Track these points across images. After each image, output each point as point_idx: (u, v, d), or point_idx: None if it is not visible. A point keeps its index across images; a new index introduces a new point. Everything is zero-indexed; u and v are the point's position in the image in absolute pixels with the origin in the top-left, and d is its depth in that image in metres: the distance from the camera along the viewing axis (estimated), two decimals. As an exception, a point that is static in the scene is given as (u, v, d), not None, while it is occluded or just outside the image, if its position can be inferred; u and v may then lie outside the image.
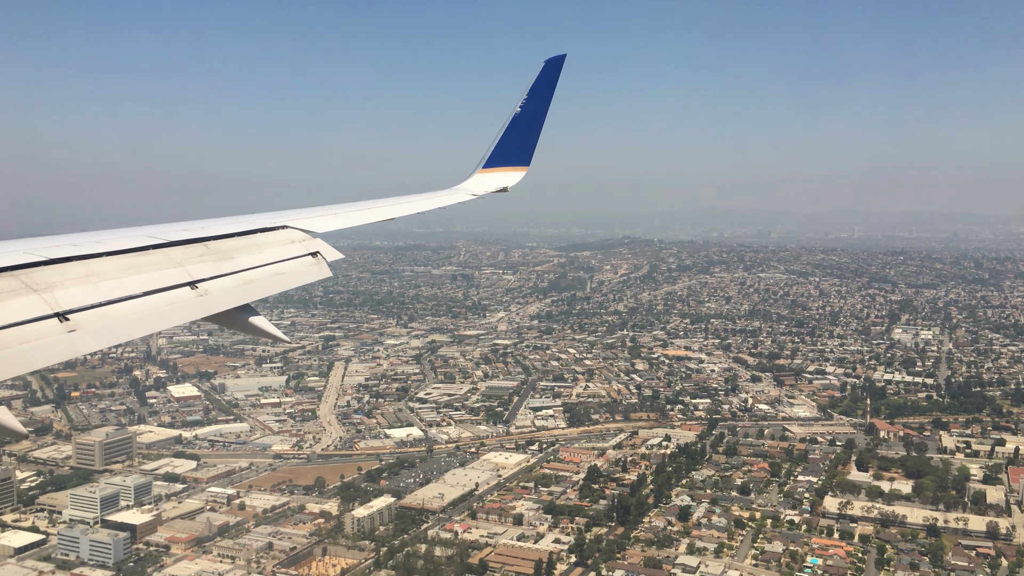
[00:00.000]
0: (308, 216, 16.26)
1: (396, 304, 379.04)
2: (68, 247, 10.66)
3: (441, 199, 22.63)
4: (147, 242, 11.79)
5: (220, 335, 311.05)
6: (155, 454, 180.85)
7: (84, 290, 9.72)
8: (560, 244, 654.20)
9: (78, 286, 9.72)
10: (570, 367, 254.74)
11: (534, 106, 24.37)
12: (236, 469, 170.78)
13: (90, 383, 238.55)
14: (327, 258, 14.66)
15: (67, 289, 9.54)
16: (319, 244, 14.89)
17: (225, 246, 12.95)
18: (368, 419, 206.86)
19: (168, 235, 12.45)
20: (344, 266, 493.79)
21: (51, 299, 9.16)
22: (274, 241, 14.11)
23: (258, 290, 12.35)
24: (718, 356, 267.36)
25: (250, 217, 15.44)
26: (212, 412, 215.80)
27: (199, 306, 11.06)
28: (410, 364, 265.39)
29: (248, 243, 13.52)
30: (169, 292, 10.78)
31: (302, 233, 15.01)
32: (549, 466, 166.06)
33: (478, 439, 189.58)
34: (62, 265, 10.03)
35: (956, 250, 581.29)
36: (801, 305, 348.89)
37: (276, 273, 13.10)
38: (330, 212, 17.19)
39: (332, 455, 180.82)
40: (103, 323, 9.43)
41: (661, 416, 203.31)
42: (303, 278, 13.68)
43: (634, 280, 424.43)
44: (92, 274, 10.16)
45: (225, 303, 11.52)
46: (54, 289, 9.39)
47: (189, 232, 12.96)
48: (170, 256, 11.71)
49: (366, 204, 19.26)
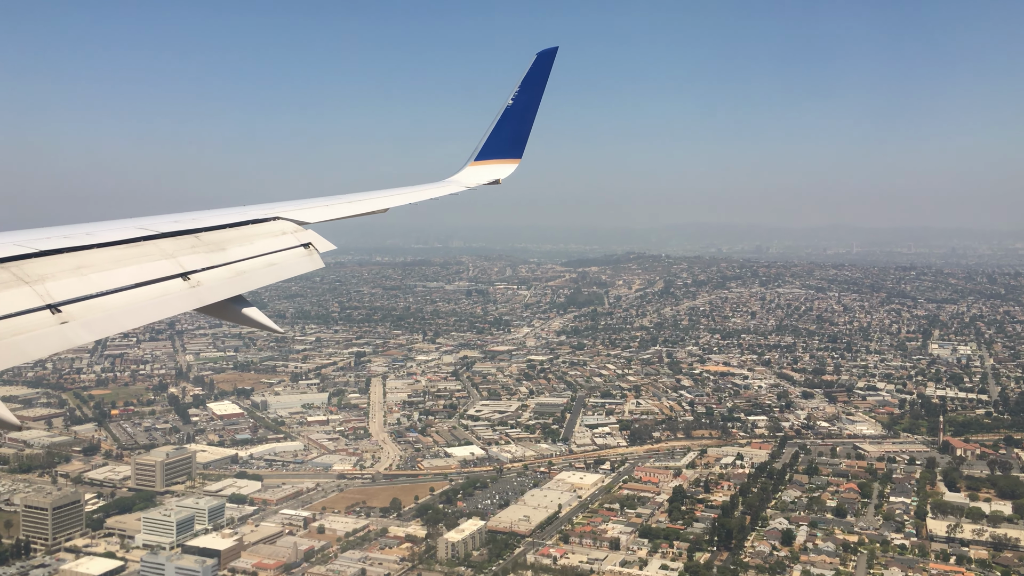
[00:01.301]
0: (300, 207, 16.26)
1: (417, 319, 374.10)
2: (59, 239, 10.55)
3: (433, 191, 22.49)
4: (138, 234, 11.77)
5: (248, 351, 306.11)
6: (215, 474, 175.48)
7: (76, 282, 9.69)
8: (564, 259, 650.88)
9: (69, 278, 9.70)
10: (614, 383, 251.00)
11: (526, 99, 24.29)
12: (303, 490, 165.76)
13: (127, 401, 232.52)
14: (319, 249, 14.61)
15: (59, 281, 9.50)
16: (311, 235, 14.87)
17: (217, 237, 12.98)
18: (423, 437, 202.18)
19: (159, 227, 12.40)
20: (355, 281, 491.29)
21: (43, 291, 9.11)
22: (266, 232, 14.17)
23: (250, 281, 12.34)
24: (761, 372, 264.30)
25: (242, 209, 15.42)
26: (260, 430, 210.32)
27: (191, 297, 11.07)
28: (449, 380, 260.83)
29: (240, 234, 13.55)
30: (161, 283, 10.78)
31: (294, 224, 15.00)
32: (628, 486, 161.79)
33: (543, 458, 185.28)
34: (53, 257, 9.95)
35: (960, 265, 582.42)
36: (828, 320, 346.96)
37: (268, 264, 13.14)
38: (322, 204, 17.16)
39: (397, 475, 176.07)
40: (95, 314, 9.38)
41: (723, 434, 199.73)
42: (295, 269, 13.75)
43: (651, 295, 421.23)
44: (83, 266, 10.12)
45: (217, 294, 11.54)
46: (46, 281, 9.35)
47: (180, 224, 12.94)
48: (161, 248, 11.70)
49: (358, 196, 19.06)
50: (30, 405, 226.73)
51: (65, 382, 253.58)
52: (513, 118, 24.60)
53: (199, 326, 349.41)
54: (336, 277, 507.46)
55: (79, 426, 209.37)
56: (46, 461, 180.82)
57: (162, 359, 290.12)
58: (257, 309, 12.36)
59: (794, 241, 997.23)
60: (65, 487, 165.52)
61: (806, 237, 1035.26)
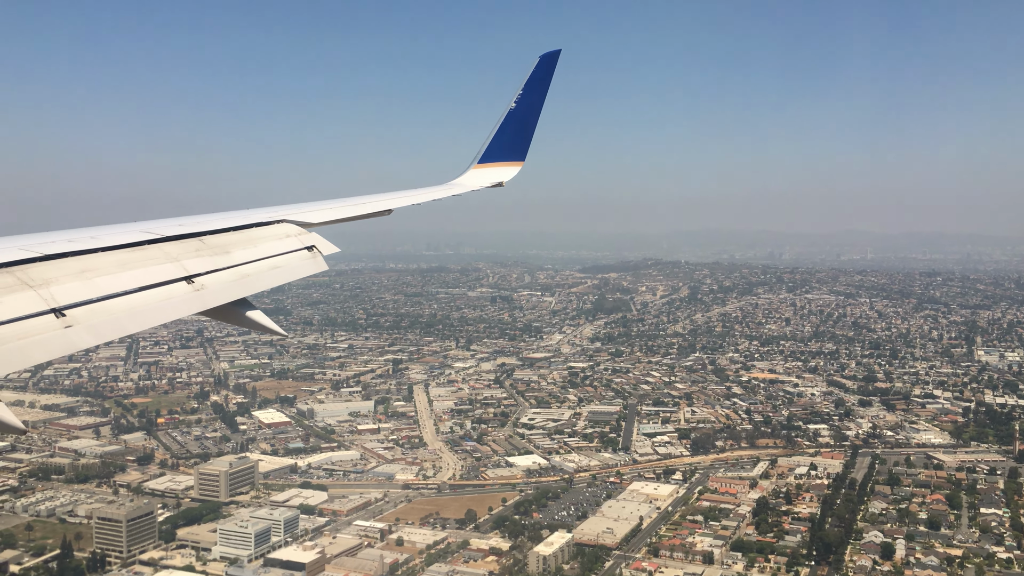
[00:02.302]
0: (303, 210, 16.08)
1: (445, 326, 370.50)
2: (63, 243, 10.61)
3: (436, 193, 22.58)
4: (142, 237, 11.72)
5: (282, 359, 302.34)
6: (278, 484, 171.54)
7: (80, 286, 9.70)
8: (579, 266, 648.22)
9: (74, 282, 9.70)
10: (663, 391, 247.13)
11: (529, 101, 24.33)
12: (371, 500, 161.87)
13: (170, 409, 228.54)
14: (323, 252, 14.51)
15: (63, 285, 9.50)
16: (315, 238, 14.78)
17: (221, 241, 12.92)
18: (480, 446, 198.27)
19: (163, 230, 12.35)
20: (375, 288, 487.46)
21: (47, 295, 9.13)
22: (270, 235, 14.12)
23: (254, 284, 12.33)
24: (810, 379, 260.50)
25: (245, 212, 15.30)
26: (311, 439, 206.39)
27: (195, 300, 11.00)
28: (493, 388, 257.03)
29: (244, 237, 13.51)
30: (165, 287, 10.74)
31: (298, 227, 14.91)
32: (705, 498, 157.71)
33: (608, 468, 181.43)
34: (58, 261, 9.99)
35: (980, 271, 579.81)
36: (864, 327, 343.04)
37: (272, 267, 13.10)
38: (325, 206, 17.05)
39: (464, 485, 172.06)
40: (100, 318, 9.37)
41: (787, 443, 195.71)
42: (299, 272, 13.70)
43: (678, 302, 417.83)
44: (88, 270, 10.13)
45: (221, 297, 11.49)
46: (50, 285, 9.35)
47: (184, 227, 12.91)
48: (166, 251, 11.67)
49: (361, 199, 19.02)
50: (74, 414, 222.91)
51: (104, 390, 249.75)
52: (516, 121, 24.60)
53: (228, 333, 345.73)
54: (356, 284, 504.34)
55: (128, 435, 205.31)
56: (102, 471, 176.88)
57: (197, 367, 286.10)
58: (261, 312, 12.34)
59: (806, 247, 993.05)
60: (127, 498, 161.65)
61: (818, 243, 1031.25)
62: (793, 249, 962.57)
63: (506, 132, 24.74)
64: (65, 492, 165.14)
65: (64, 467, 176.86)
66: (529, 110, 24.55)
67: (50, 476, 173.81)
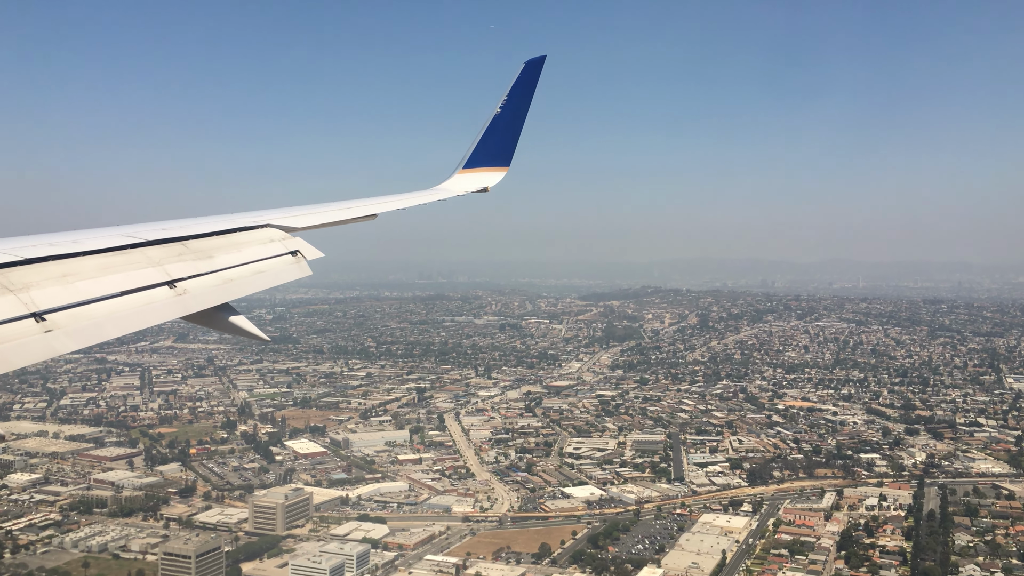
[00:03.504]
0: (288, 215, 15.94)
1: (459, 354, 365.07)
2: (44, 247, 10.49)
3: (421, 198, 22.48)
4: (124, 241, 11.60)
5: (300, 387, 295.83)
6: (333, 517, 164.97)
7: (61, 290, 9.59)
8: (577, 293, 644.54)
9: (55, 286, 9.59)
10: (700, 419, 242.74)
11: (514, 107, 24.32)
12: (436, 534, 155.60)
13: (200, 439, 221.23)
14: (307, 257, 14.40)
15: (43, 289, 9.39)
16: (299, 243, 14.74)
17: (204, 245, 12.75)
18: (531, 476, 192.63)
19: (146, 234, 12.19)
20: (378, 316, 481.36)
21: (27, 299, 9.01)
22: (254, 240, 14.04)
23: (238, 289, 12.19)
24: (846, 407, 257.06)
25: (229, 216, 15.15)
26: (353, 470, 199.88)
27: (178, 305, 10.93)
28: (526, 417, 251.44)
29: (227, 242, 13.40)
30: (147, 291, 10.67)
31: (282, 232, 14.82)
32: (783, 530, 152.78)
33: (669, 499, 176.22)
34: (38, 265, 9.86)
35: (982, 299, 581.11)
36: (884, 354, 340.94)
37: (256, 272, 12.93)
38: (310, 211, 16.87)
39: (526, 517, 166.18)
40: (80, 323, 9.30)
41: (845, 473, 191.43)
42: (283, 277, 13.60)
43: (689, 329, 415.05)
44: (69, 274, 10.03)
45: (204, 302, 11.39)
46: (30, 289, 9.24)
47: (167, 231, 12.73)
48: (148, 255, 11.56)
49: (346, 203, 18.89)
50: (102, 444, 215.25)
51: (127, 420, 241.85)
52: (501, 126, 24.55)
53: (240, 362, 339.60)
54: (358, 312, 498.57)
55: (162, 466, 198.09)
56: (144, 504, 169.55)
57: (216, 396, 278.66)
58: (244, 317, 12.27)
59: (796, 275, 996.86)
60: (177, 531, 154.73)
61: (808, 271, 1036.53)
62: (784, 277, 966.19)
63: (491, 137, 24.65)
64: (112, 526, 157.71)
65: (106, 500, 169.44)
66: (514, 116, 24.45)
67: (92, 509, 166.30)
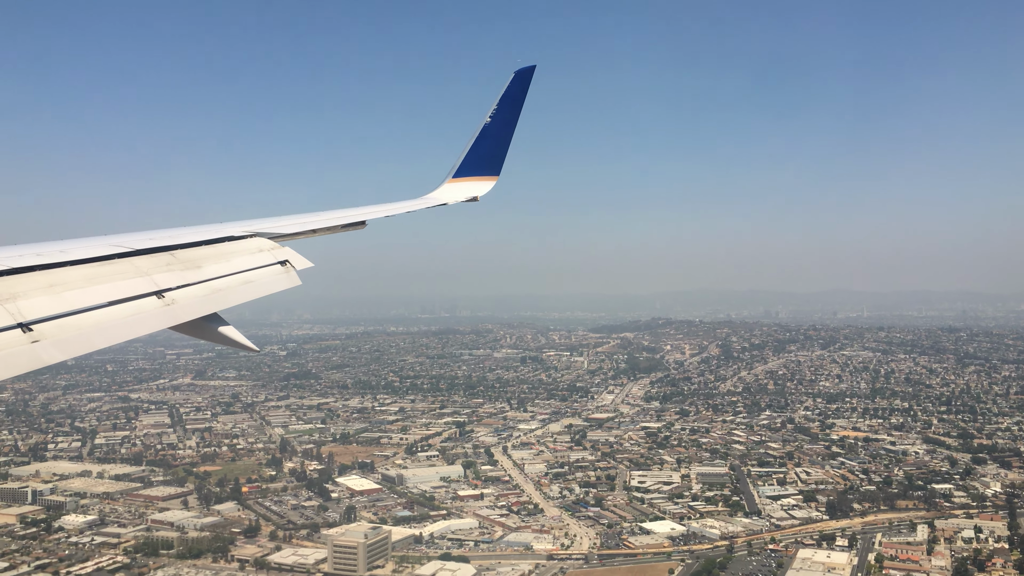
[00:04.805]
0: (277, 224, 16.04)
1: (486, 387, 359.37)
2: (31, 256, 10.41)
3: (410, 206, 22.36)
4: (112, 251, 11.51)
5: (334, 423, 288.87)
6: (413, 556, 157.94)
7: (48, 300, 9.51)
8: (586, 326, 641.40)
9: (41, 296, 9.51)
10: (756, 450, 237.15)
11: (504, 116, 24.28)
12: (525, 573, 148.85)
13: (248, 478, 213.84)
14: (296, 266, 14.32)
15: (30, 299, 9.29)
16: (288, 252, 14.63)
17: (192, 255, 12.71)
18: (604, 511, 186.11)
19: (134, 244, 12.14)
20: (393, 351, 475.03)
21: (13, 309, 8.92)
22: (243, 250, 13.93)
23: (226, 299, 12.10)
24: (900, 436, 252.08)
25: (218, 226, 15.14)
26: (415, 507, 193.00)
27: (166, 315, 10.84)
28: (576, 450, 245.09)
29: (216, 252, 13.31)
30: (135, 301, 10.55)
31: (271, 242, 14.78)
32: (889, 565, 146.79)
33: (754, 534, 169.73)
34: (25, 275, 9.77)
35: (983, 327, 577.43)
36: (919, 383, 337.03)
37: (245, 282, 12.85)
38: (299, 220, 16.95)
39: (613, 555, 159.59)
40: (68, 333, 9.22)
41: (927, 504, 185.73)
42: (272, 287, 13.46)
43: (713, 360, 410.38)
44: (56, 284, 9.94)
45: (192, 312, 11.33)
46: (17, 299, 9.13)
47: (155, 241, 12.69)
48: (136, 265, 11.47)
49: (335, 212, 18.83)
50: (150, 484, 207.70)
51: (168, 459, 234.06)
52: (491, 136, 24.47)
53: (267, 398, 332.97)
54: (372, 346, 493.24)
55: (219, 505, 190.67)
56: (212, 545, 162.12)
57: (251, 433, 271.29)
58: (233, 328, 12.22)
59: (799, 305, 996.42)
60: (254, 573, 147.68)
61: (810, 301, 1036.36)
62: (786, 308, 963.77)
63: (481, 147, 24.50)
64: (183, 568, 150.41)
65: (171, 541, 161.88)
66: (504, 125, 24.34)
67: (157, 551, 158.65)
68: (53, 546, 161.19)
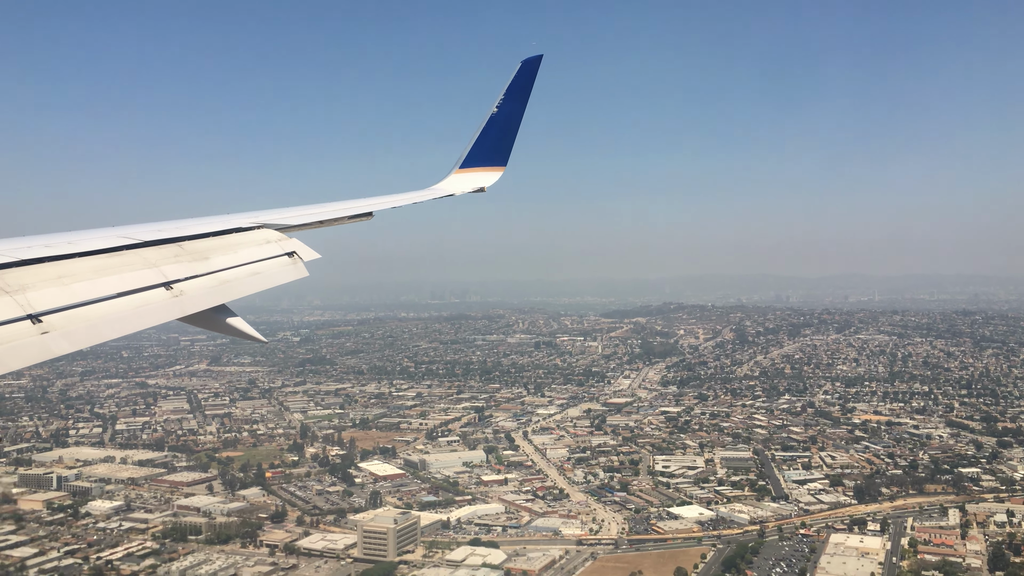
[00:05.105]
0: (284, 215, 15.95)
1: (502, 373, 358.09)
2: (40, 248, 10.46)
3: (417, 197, 22.36)
4: (121, 243, 11.59)
5: (352, 408, 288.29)
6: (443, 541, 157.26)
7: (57, 291, 9.53)
8: (597, 311, 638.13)
9: (51, 287, 9.54)
10: (779, 435, 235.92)
11: (510, 107, 24.14)
12: (556, 558, 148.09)
13: (271, 463, 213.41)
14: (303, 258, 14.30)
15: (39, 291, 9.33)
16: (296, 244, 14.62)
17: (200, 246, 12.76)
18: (630, 496, 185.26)
19: (142, 235, 12.17)
20: (406, 336, 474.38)
21: (23, 301, 8.94)
22: (250, 241, 13.98)
23: (234, 290, 12.13)
24: (923, 420, 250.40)
25: (225, 217, 15.12)
26: (440, 492, 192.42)
27: (174, 307, 10.89)
28: (596, 435, 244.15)
29: (223, 243, 13.36)
30: (143, 293, 10.60)
31: (278, 233, 14.77)
32: (924, 550, 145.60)
33: (783, 518, 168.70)
34: (34, 266, 9.83)
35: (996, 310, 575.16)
36: (937, 366, 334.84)
37: (252, 273, 12.88)
38: (306, 211, 16.96)
39: (643, 540, 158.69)
40: (77, 325, 9.25)
41: (956, 488, 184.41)
42: (279, 278, 13.47)
43: (728, 344, 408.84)
44: (65, 275, 9.97)
45: (200, 304, 11.36)
46: (26, 291, 9.17)
47: (163, 232, 12.71)
48: (144, 257, 11.50)
49: (342, 203, 18.81)
50: (173, 470, 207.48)
51: (189, 444, 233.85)
52: (498, 126, 24.33)
53: (283, 384, 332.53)
54: (385, 332, 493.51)
55: (243, 491, 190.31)
56: (240, 530, 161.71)
57: (271, 418, 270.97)
58: (241, 319, 12.24)
59: (809, 290, 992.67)
60: (280, 559, 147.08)
61: (820, 286, 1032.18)
62: (797, 292, 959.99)
63: (488, 137, 24.35)
64: (213, 554, 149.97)
65: (199, 526, 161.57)
66: (511, 115, 24.19)
67: (186, 537, 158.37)
68: (81, 532, 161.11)
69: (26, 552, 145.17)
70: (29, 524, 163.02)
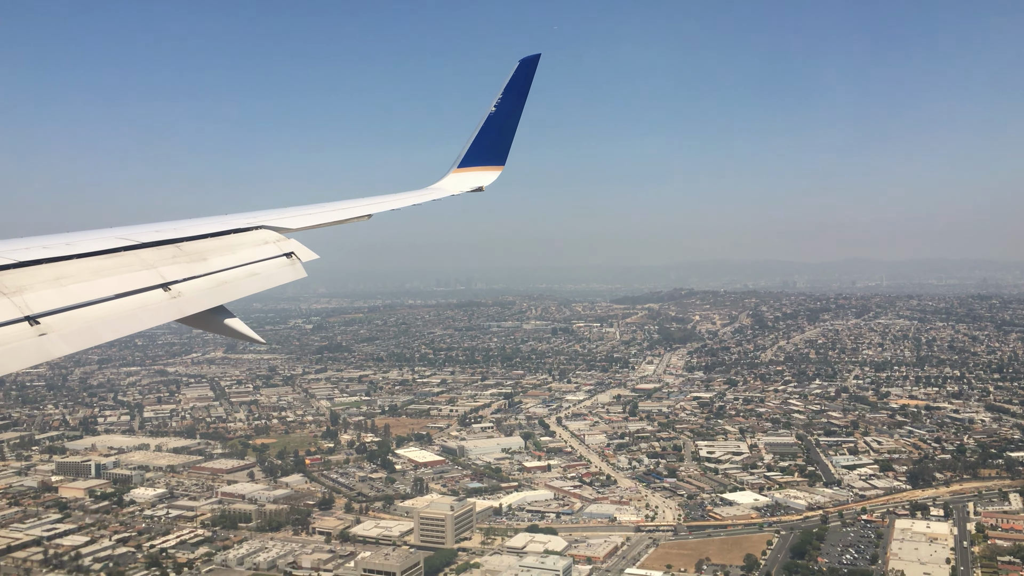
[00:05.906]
0: (282, 216, 15.78)
1: (523, 359, 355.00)
2: (38, 249, 10.34)
3: (416, 198, 22.03)
4: (118, 244, 11.47)
5: (378, 395, 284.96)
6: (499, 528, 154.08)
7: (54, 293, 9.42)
8: (606, 298, 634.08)
9: (48, 289, 9.43)
10: (818, 419, 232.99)
11: (509, 105, 23.93)
12: (618, 545, 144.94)
13: (307, 450, 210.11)
14: (302, 258, 14.22)
15: (37, 292, 9.21)
16: (294, 244, 14.54)
17: (198, 247, 12.62)
18: (680, 482, 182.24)
19: (140, 237, 12.05)
20: (420, 324, 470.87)
21: (21, 302, 8.83)
22: (248, 242, 13.84)
23: (232, 291, 12.02)
24: (961, 404, 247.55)
25: (224, 218, 14.99)
26: (484, 479, 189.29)
27: (172, 308, 10.80)
28: (631, 420, 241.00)
29: (221, 244, 13.23)
30: (141, 294, 10.50)
31: (276, 234, 14.65)
32: (994, 535, 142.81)
33: (841, 504, 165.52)
34: (32, 268, 9.71)
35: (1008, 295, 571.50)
36: (963, 350, 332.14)
37: (250, 274, 12.76)
38: (304, 212, 16.74)
39: (702, 526, 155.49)
40: (74, 326, 9.14)
41: (1011, 473, 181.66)
42: (278, 279, 13.34)
43: (747, 330, 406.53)
44: (63, 277, 9.86)
45: (198, 305, 11.25)
46: (24, 292, 9.05)
47: (161, 233, 12.57)
48: (142, 258, 11.38)
49: (341, 204, 18.55)
50: (210, 457, 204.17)
51: (220, 431, 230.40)
52: (496, 125, 24.12)
53: (304, 371, 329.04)
54: (398, 319, 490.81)
55: (285, 478, 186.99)
56: (290, 517, 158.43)
57: (298, 406, 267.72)
58: (239, 320, 12.07)
59: (816, 275, 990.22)
60: (337, 548, 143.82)
61: (826, 271, 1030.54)
62: (803, 278, 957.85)
63: (486, 136, 24.13)
64: (268, 542, 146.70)
65: (248, 514, 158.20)
66: (509, 114, 23.96)
67: (236, 524, 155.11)
68: (128, 519, 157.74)
69: (77, 540, 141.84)
70: (74, 512, 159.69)
